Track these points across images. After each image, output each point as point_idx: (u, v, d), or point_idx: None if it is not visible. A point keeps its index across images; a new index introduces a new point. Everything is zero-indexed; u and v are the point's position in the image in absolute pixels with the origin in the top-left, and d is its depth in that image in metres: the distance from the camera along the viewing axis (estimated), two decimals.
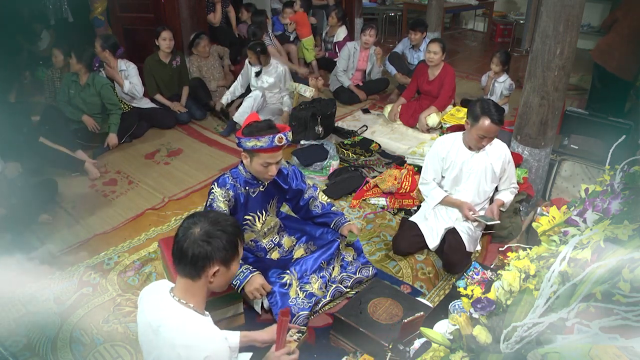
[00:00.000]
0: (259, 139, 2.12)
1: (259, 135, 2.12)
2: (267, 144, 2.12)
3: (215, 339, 1.45)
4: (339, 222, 2.54)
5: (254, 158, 2.19)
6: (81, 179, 3.75)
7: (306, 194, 2.54)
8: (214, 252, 1.44)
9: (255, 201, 2.38)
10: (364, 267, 2.60)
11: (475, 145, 2.67)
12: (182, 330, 1.42)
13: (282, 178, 2.47)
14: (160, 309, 1.48)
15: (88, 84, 4.01)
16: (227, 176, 2.31)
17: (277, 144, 2.14)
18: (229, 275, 1.53)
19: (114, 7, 5.28)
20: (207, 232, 1.45)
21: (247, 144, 2.14)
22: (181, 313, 1.45)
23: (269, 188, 2.42)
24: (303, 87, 4.58)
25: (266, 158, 2.18)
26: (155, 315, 1.47)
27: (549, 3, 2.66)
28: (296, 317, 2.24)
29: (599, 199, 1.46)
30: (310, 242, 2.59)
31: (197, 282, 1.47)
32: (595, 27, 7.04)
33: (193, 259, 1.43)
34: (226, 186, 2.28)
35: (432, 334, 1.52)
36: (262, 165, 2.20)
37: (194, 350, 1.38)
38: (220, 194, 2.25)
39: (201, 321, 1.47)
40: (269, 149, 2.14)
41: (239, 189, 2.32)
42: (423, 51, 5.34)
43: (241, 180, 2.32)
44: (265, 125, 2.18)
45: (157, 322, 1.45)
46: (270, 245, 2.56)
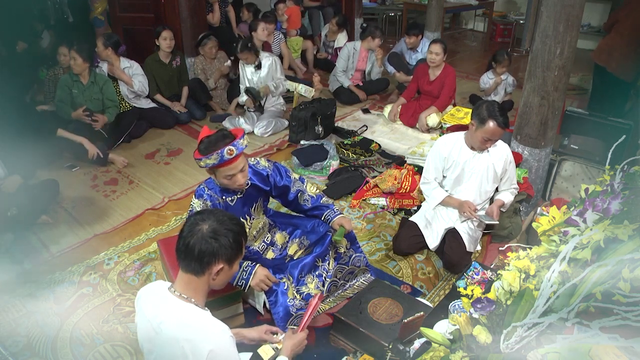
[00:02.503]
0: (209, 156, 2.00)
1: (208, 153, 2.01)
2: (218, 160, 2.01)
3: (217, 332, 1.45)
4: (329, 216, 2.48)
5: (216, 173, 2.12)
6: (82, 179, 3.76)
7: (293, 189, 2.46)
8: (220, 249, 1.46)
9: (235, 209, 2.30)
10: (357, 256, 2.58)
11: (478, 147, 2.68)
12: (184, 324, 1.43)
13: (261, 179, 2.38)
14: (160, 306, 1.48)
15: (92, 81, 4.02)
16: (203, 187, 2.24)
17: (227, 158, 2.01)
18: (230, 273, 1.55)
19: (114, 7, 5.28)
20: (215, 229, 1.46)
21: (201, 164, 2.05)
22: (182, 308, 1.46)
23: (248, 193, 2.34)
24: (303, 87, 4.59)
25: (226, 171, 2.08)
26: (155, 313, 1.47)
27: (549, 3, 2.66)
28: (294, 317, 2.24)
29: (599, 199, 1.46)
30: (303, 237, 2.54)
31: (201, 279, 1.48)
32: (595, 27, 7.04)
33: (200, 255, 1.45)
34: (203, 197, 2.20)
35: (432, 334, 1.52)
36: (225, 179, 2.12)
37: (198, 344, 1.38)
38: (199, 204, 2.18)
39: (202, 315, 1.48)
40: (223, 163, 2.04)
41: (217, 199, 2.23)
42: (421, 52, 5.37)
43: (217, 190, 2.24)
44: (215, 138, 2.04)
45: (158, 320, 1.45)
46: (262, 246, 2.53)
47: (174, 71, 4.75)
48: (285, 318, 2.21)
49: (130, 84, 4.41)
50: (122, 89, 4.42)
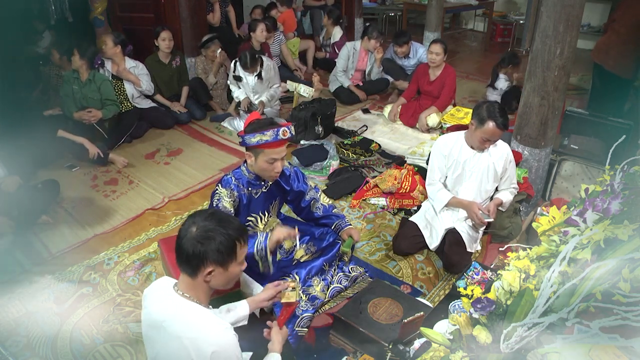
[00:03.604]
0: (264, 133, 2.11)
1: (264, 129, 2.12)
2: (272, 138, 2.11)
3: (220, 331, 1.45)
4: (340, 225, 2.55)
5: (259, 155, 2.18)
6: (82, 179, 3.76)
7: (307, 196, 2.54)
8: (207, 252, 1.44)
9: (257, 202, 2.37)
10: (354, 266, 2.64)
11: (477, 147, 2.68)
12: (188, 322, 1.43)
13: (285, 179, 2.46)
14: (164, 304, 1.49)
15: (89, 79, 4.03)
16: (230, 177, 2.29)
17: (282, 137, 2.13)
18: (227, 275, 1.52)
19: (114, 7, 5.28)
20: (203, 232, 1.44)
21: (251, 140, 2.12)
22: (185, 307, 1.47)
23: (272, 189, 2.41)
24: (303, 87, 4.59)
25: (271, 154, 2.16)
26: (159, 311, 1.48)
27: (549, 3, 2.66)
28: (300, 318, 2.25)
29: (599, 199, 1.46)
30: (310, 243, 2.59)
31: (195, 280, 1.48)
32: (595, 27, 7.04)
33: (188, 257, 1.45)
34: (230, 186, 2.26)
35: (432, 334, 1.52)
36: (267, 162, 2.18)
37: (201, 343, 1.39)
38: (226, 193, 2.24)
39: (205, 314, 1.48)
40: (274, 142, 2.13)
41: (242, 189, 2.30)
42: (414, 57, 5.38)
43: (244, 181, 2.31)
44: (268, 122, 2.19)
45: (162, 317, 1.45)
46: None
47: (173, 71, 4.75)
48: (292, 320, 2.22)
49: (138, 83, 4.42)
50: (127, 89, 4.42)
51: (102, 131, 4.10)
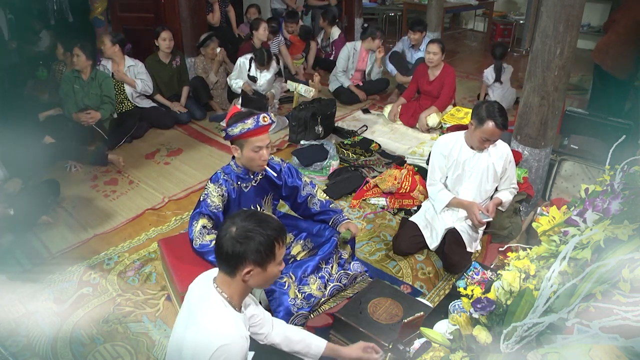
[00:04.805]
0: (245, 121, 2.17)
1: (244, 119, 2.18)
2: (254, 125, 2.17)
3: (231, 335, 1.45)
4: (337, 220, 2.55)
5: (245, 146, 2.23)
6: (82, 179, 3.76)
7: (303, 192, 2.54)
8: (247, 252, 1.45)
9: (248, 196, 2.40)
10: (356, 263, 2.64)
11: (477, 147, 2.68)
12: (207, 313, 1.47)
13: (276, 173, 2.47)
14: (200, 292, 1.55)
15: (92, 77, 4.04)
16: (219, 172, 2.36)
17: (263, 123, 2.19)
18: (266, 275, 1.52)
19: (114, 7, 5.28)
20: (242, 232, 1.46)
21: (234, 131, 2.19)
22: (213, 299, 1.50)
23: (262, 183, 2.44)
24: (303, 87, 4.59)
25: (256, 142, 2.21)
26: (195, 297, 1.55)
27: (549, 3, 2.66)
28: (295, 316, 2.25)
29: (599, 199, 1.46)
30: (307, 239, 2.59)
31: (233, 279, 1.50)
32: (595, 27, 7.04)
33: (227, 257, 1.46)
34: (219, 182, 2.33)
35: (432, 334, 1.52)
36: (253, 151, 2.23)
37: (209, 337, 1.42)
38: (214, 189, 2.31)
39: (228, 313, 1.50)
40: (257, 129, 2.18)
41: (232, 184, 2.35)
42: (423, 51, 5.35)
43: (233, 175, 2.36)
44: (248, 112, 2.25)
45: (195, 303, 1.52)
46: None
47: (173, 71, 4.75)
48: (285, 318, 2.22)
49: (134, 86, 4.42)
50: (126, 89, 4.42)
51: (102, 132, 4.10)
